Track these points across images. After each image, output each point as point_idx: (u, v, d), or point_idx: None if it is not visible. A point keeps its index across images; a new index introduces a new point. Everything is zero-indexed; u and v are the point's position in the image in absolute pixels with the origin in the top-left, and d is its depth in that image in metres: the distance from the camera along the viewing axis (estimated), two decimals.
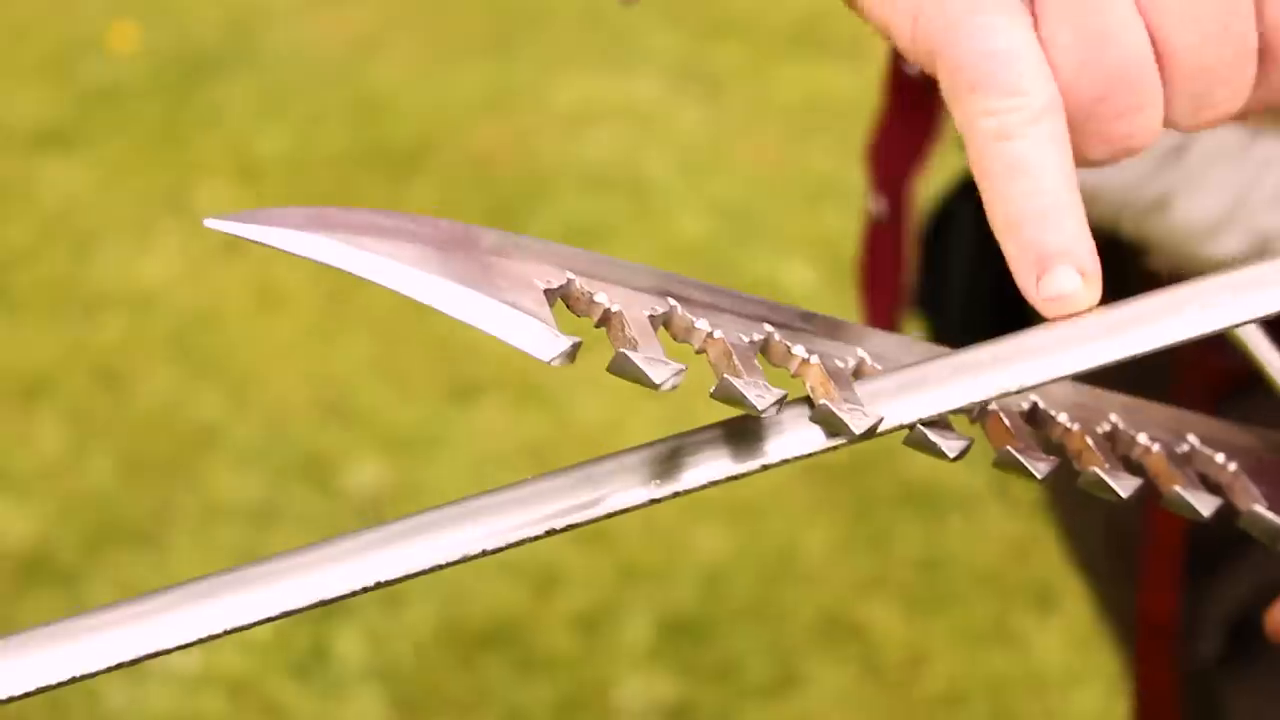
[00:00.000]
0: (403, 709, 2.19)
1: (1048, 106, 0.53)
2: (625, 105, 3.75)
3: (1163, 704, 1.04)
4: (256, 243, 0.47)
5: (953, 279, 1.08)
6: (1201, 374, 0.95)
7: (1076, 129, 0.54)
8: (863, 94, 1.53)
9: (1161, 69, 0.54)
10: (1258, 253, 0.89)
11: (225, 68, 3.87)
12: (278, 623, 1.92)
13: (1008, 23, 0.53)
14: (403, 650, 2.27)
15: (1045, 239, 0.53)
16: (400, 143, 3.54)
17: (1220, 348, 0.72)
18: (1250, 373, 0.66)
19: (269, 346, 2.88)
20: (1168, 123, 0.56)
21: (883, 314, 1.09)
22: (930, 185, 1.16)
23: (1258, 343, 0.66)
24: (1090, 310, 0.53)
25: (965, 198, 1.10)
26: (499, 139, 3.58)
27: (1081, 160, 0.55)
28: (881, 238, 1.07)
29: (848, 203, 3.24)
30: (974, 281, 1.08)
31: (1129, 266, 0.97)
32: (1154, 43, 0.54)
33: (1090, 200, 0.96)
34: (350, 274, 0.47)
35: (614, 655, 2.27)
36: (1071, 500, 1.11)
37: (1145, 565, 1.01)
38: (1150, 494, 0.56)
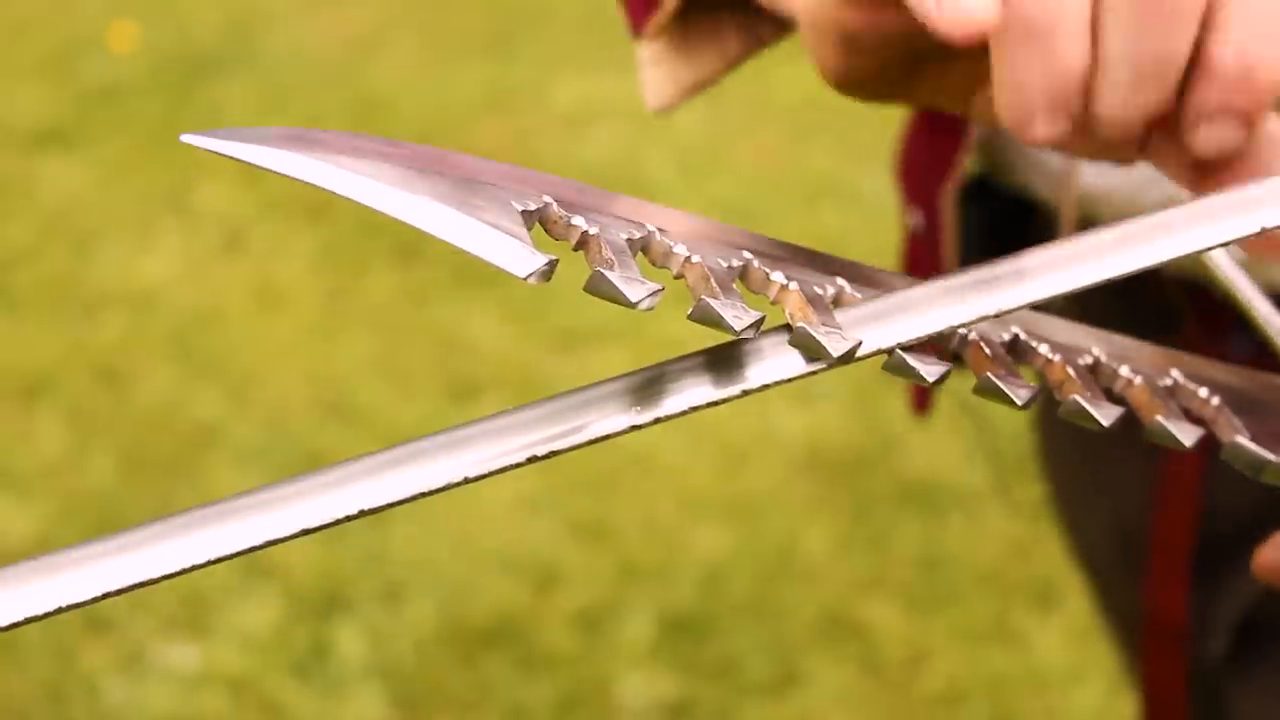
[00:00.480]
0: (403, 707, 2.20)
1: None
2: (625, 105, 3.75)
3: (1172, 704, 1.04)
4: (234, 159, 0.46)
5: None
6: (1191, 342, 0.95)
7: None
8: None
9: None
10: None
11: (225, 67, 3.87)
12: (278, 621, 1.92)
13: None
14: (403, 648, 2.27)
15: None
16: None
17: (1220, 335, 0.72)
18: (1257, 363, 0.66)
19: (269, 345, 2.89)
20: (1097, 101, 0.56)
21: None
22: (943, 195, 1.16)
23: (1227, 267, 0.66)
24: (1068, 240, 0.54)
25: (969, 201, 1.10)
26: (499, 139, 3.59)
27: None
28: (920, 250, 1.07)
29: (847, 202, 3.24)
30: None
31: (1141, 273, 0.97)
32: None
33: (1098, 203, 0.96)
34: (335, 213, 0.47)
35: (614, 653, 2.27)
36: (1077, 497, 1.11)
37: (1153, 563, 1.01)
38: (1131, 425, 0.55)
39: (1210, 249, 0.53)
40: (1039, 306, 0.53)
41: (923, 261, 1.08)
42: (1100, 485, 1.07)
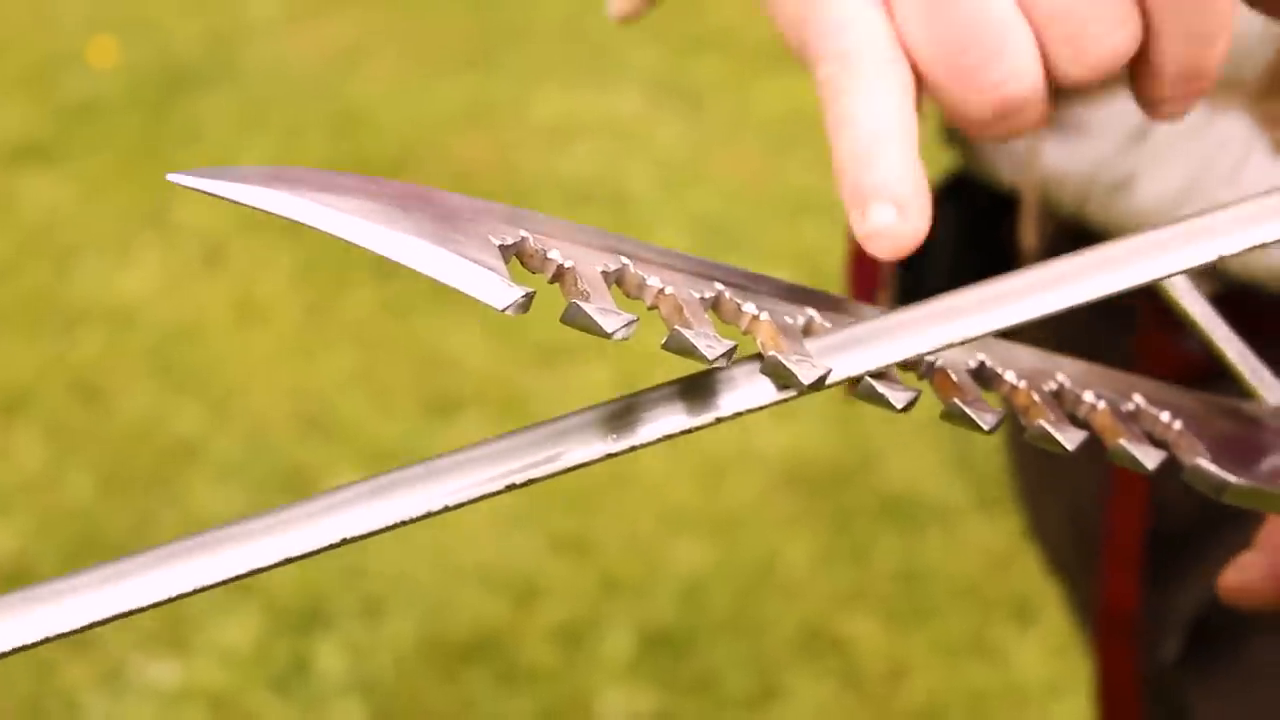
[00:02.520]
0: None
1: (875, 64, 0.56)
2: (605, 119, 3.76)
3: (1125, 700, 1.04)
4: (221, 198, 0.47)
5: (933, 282, 1.09)
6: (1162, 362, 0.96)
7: (947, 88, 0.56)
8: None
9: (1027, 14, 0.55)
10: None
11: (205, 82, 3.87)
12: (258, 636, 1.92)
13: (840, 1, 0.57)
14: (383, 663, 2.27)
15: (861, 178, 0.54)
16: (381, 156, 3.55)
17: (1180, 336, 0.72)
18: (1210, 362, 0.67)
19: (249, 360, 2.89)
20: (1057, 73, 0.56)
21: (866, 299, 1.10)
22: None
23: (1187, 294, 0.68)
24: (1033, 267, 0.55)
25: (945, 199, 1.10)
26: (479, 152, 3.59)
27: (973, 120, 0.57)
28: (860, 249, 1.08)
29: (828, 216, 3.24)
30: (954, 282, 1.08)
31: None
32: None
33: (1057, 185, 0.97)
34: (314, 230, 0.48)
35: (595, 667, 2.27)
36: (1036, 492, 1.12)
37: (1104, 556, 1.02)
38: (1096, 448, 0.57)
39: (1169, 276, 0.55)
40: (1005, 334, 0.55)
41: (865, 259, 1.09)
42: (1057, 478, 1.08)
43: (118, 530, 2.47)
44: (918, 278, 1.11)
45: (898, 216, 0.54)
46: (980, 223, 1.07)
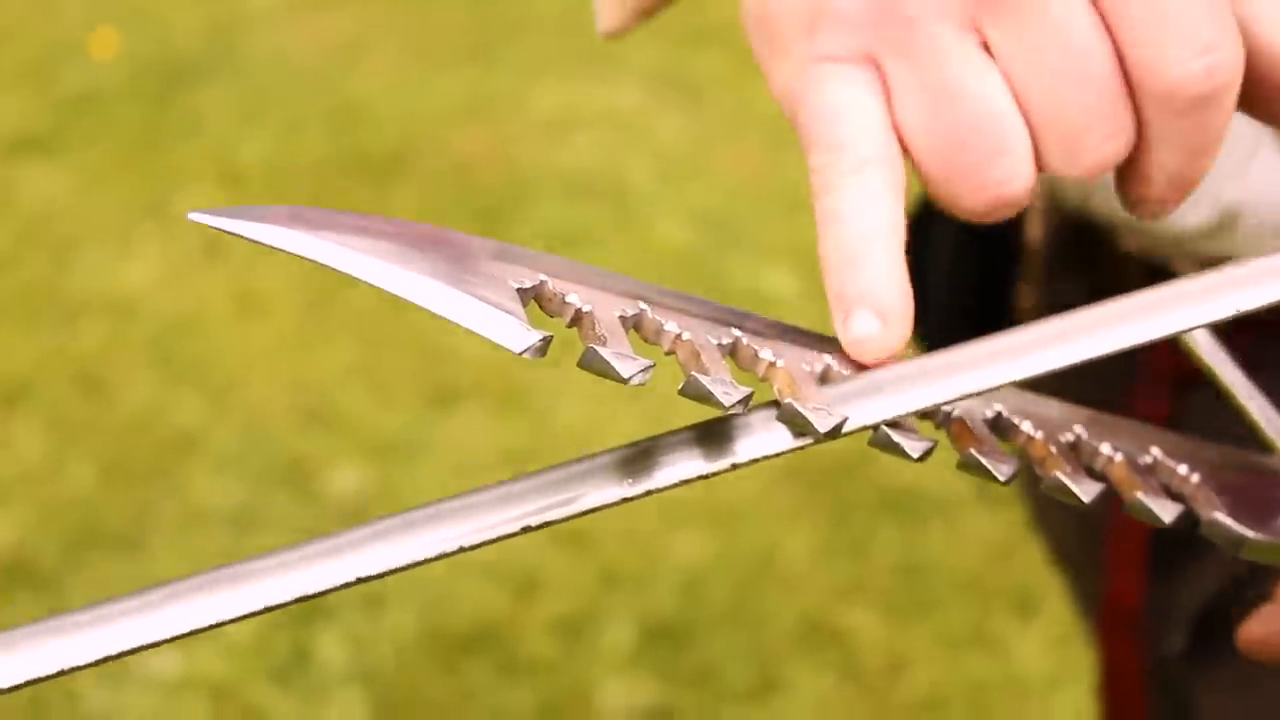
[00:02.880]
0: (384, 713, 2.20)
1: (869, 160, 0.56)
2: (606, 113, 3.75)
3: (1129, 693, 1.04)
4: (242, 237, 0.48)
5: (930, 290, 1.09)
6: (1163, 365, 0.96)
7: (942, 181, 0.56)
8: None
9: (1025, 117, 0.56)
10: (1223, 225, 0.90)
11: (206, 74, 3.87)
12: (259, 627, 1.92)
13: (839, 87, 0.57)
14: (384, 654, 2.27)
15: (846, 283, 0.55)
16: (381, 149, 3.55)
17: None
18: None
19: (249, 352, 2.89)
20: (1051, 170, 0.57)
21: None
22: (908, 196, 1.16)
23: (1207, 347, 0.68)
24: (1036, 324, 0.55)
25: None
26: (479, 146, 3.59)
27: (965, 211, 0.57)
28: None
29: None
30: (951, 293, 1.08)
31: (1100, 249, 0.98)
32: (1013, 92, 0.55)
33: (1062, 181, 0.97)
34: (332, 270, 0.48)
35: (595, 660, 2.27)
36: (1042, 492, 1.12)
37: (1109, 549, 1.02)
38: (1112, 500, 0.57)
39: (1189, 330, 0.55)
40: (1023, 385, 0.55)
41: None
42: None
43: (118, 521, 2.47)
44: (918, 272, 1.11)
45: (881, 327, 0.54)
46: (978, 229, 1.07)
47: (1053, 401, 0.59)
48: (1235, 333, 0.92)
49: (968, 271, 1.08)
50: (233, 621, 0.49)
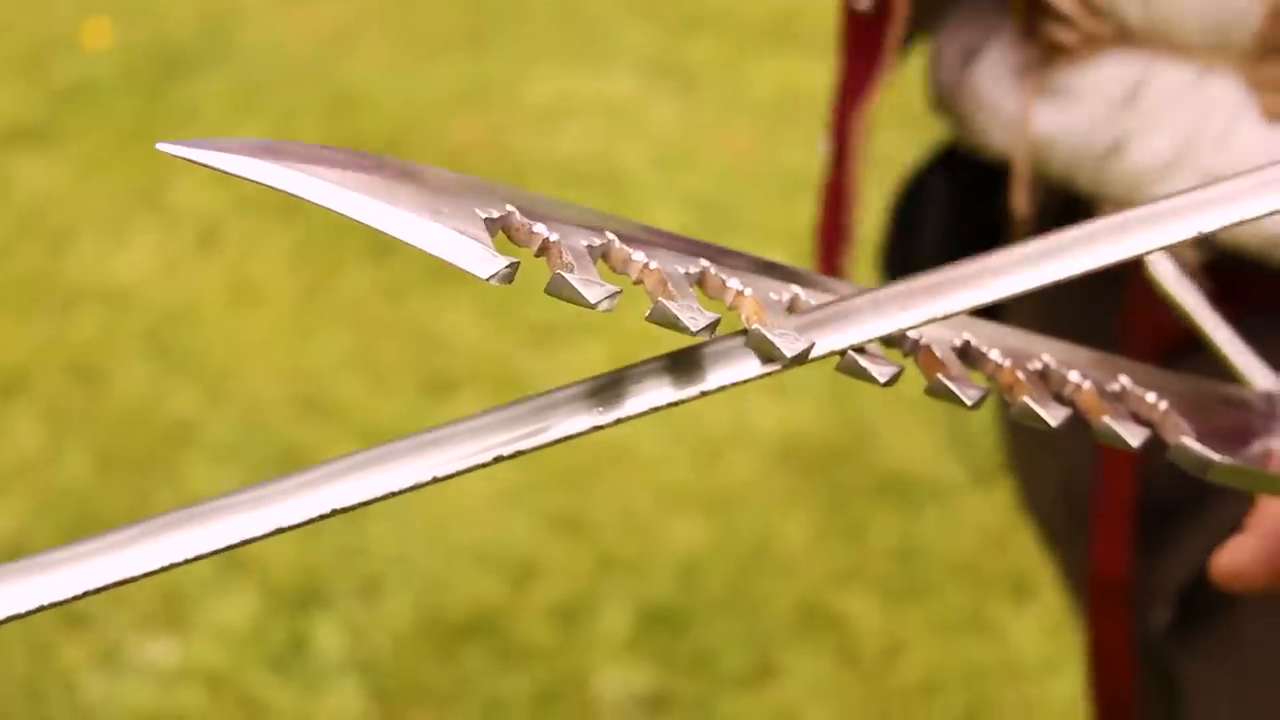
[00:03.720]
0: (382, 700, 2.20)
1: None
2: (599, 100, 3.76)
3: (1116, 668, 1.05)
4: (210, 168, 0.48)
5: (924, 253, 1.10)
6: (1148, 332, 0.96)
7: None
8: None
9: None
10: None
11: (199, 64, 3.87)
12: (256, 615, 1.92)
13: None
14: (381, 642, 2.27)
15: None
16: (375, 138, 3.54)
17: (1166, 310, 0.73)
18: (1196, 338, 0.68)
19: (245, 341, 2.89)
20: None
21: (830, 250, 1.10)
22: (906, 158, 1.17)
23: (1173, 281, 0.68)
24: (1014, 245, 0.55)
25: (938, 169, 1.11)
26: (473, 134, 3.59)
27: None
28: (829, 178, 1.09)
29: None
30: (945, 255, 1.09)
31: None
32: None
33: (1048, 151, 0.97)
34: (300, 199, 0.48)
35: (592, 646, 2.28)
36: (1028, 460, 1.12)
37: (1095, 523, 1.02)
38: (1080, 426, 0.57)
39: (1150, 252, 0.55)
40: (994, 314, 0.55)
41: (830, 192, 1.09)
42: (1048, 450, 1.09)
43: (115, 510, 2.47)
44: (909, 248, 1.12)
45: None
46: (971, 193, 1.07)
47: (1022, 332, 0.60)
48: (1219, 301, 0.93)
49: (956, 244, 1.09)
50: (207, 556, 0.49)
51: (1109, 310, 0.98)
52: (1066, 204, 0.99)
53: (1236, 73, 0.90)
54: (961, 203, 1.08)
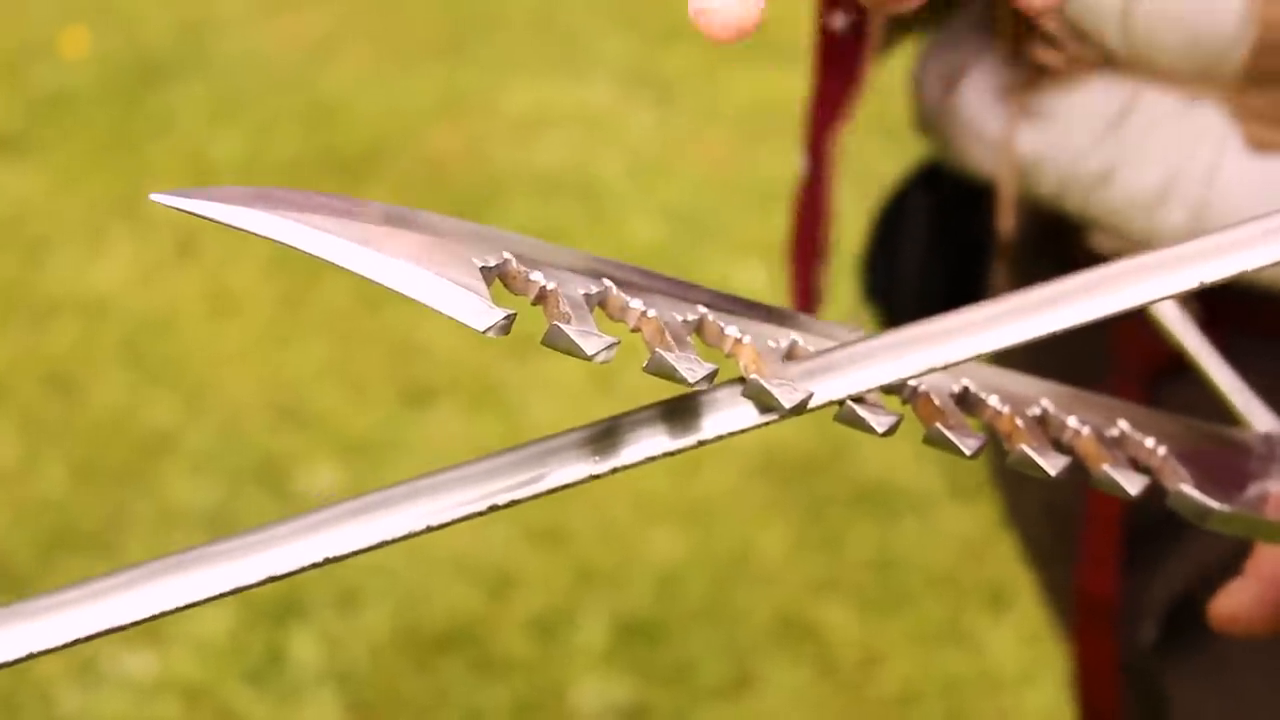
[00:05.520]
0: (359, 712, 2.20)
1: None
2: (577, 110, 3.76)
3: (1102, 685, 1.05)
4: (205, 218, 0.48)
5: (906, 270, 1.10)
6: (1138, 356, 0.97)
7: None
8: None
9: None
10: (1195, 226, 0.90)
11: (177, 73, 3.86)
12: (232, 627, 1.91)
13: None
14: (359, 654, 2.27)
15: None
16: (353, 147, 3.54)
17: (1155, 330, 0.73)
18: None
19: (223, 351, 2.88)
20: None
21: (806, 272, 1.10)
22: (888, 177, 1.17)
23: (1176, 322, 0.68)
24: (1007, 296, 0.55)
25: (919, 188, 1.11)
26: (452, 144, 3.59)
27: None
28: (804, 195, 1.09)
29: None
30: (928, 272, 1.09)
31: (1073, 247, 0.98)
32: None
33: (1035, 175, 0.98)
34: (297, 251, 0.48)
35: (570, 657, 2.27)
36: (1012, 483, 1.12)
37: (1084, 542, 1.02)
38: (1079, 474, 0.57)
39: (1154, 302, 0.55)
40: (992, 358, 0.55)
41: (805, 207, 1.09)
42: None
43: (92, 522, 2.47)
44: (891, 265, 1.12)
45: None
46: (953, 210, 1.07)
47: (1021, 376, 0.59)
48: (1209, 327, 0.93)
49: (940, 265, 1.09)
50: (200, 604, 0.49)
51: (1099, 331, 0.98)
52: (1052, 224, 0.99)
53: (1221, 102, 0.90)
54: (944, 220, 1.08)
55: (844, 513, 2.54)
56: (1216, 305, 0.91)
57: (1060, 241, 0.99)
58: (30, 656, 0.48)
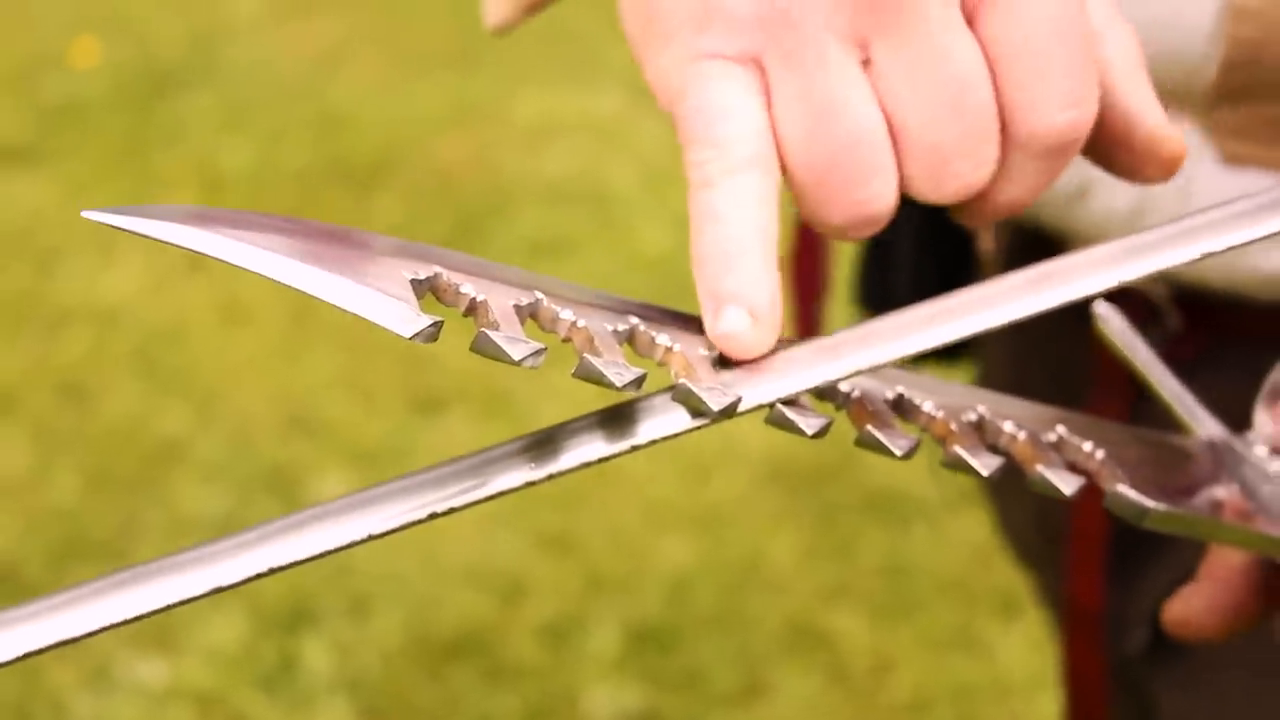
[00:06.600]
0: (371, 719, 2.20)
1: (748, 161, 0.57)
2: (587, 119, 3.76)
3: (1092, 692, 1.05)
4: (139, 235, 0.49)
5: (897, 276, 1.10)
6: (1121, 371, 0.97)
7: (811, 194, 0.57)
8: None
9: (895, 143, 0.57)
10: None
11: (188, 83, 3.87)
12: (245, 635, 1.92)
13: (724, 85, 0.57)
14: (370, 661, 2.27)
15: (721, 281, 0.55)
16: (363, 157, 3.55)
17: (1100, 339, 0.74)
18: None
19: (233, 361, 2.89)
20: (913, 193, 0.58)
21: (808, 298, 1.11)
22: None
23: (1119, 330, 0.69)
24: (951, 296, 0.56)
25: (909, 200, 1.11)
26: (461, 153, 3.59)
27: (827, 226, 0.58)
28: (802, 231, 1.10)
29: None
30: (918, 278, 1.10)
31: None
32: (887, 118, 0.56)
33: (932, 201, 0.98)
34: (230, 264, 0.50)
35: (581, 665, 2.28)
36: (1003, 494, 1.13)
37: (1070, 550, 1.03)
38: (1014, 475, 0.58)
39: (1091, 297, 0.56)
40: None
41: (805, 233, 1.10)
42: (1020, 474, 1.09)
43: (103, 530, 2.47)
44: (881, 276, 1.12)
45: (751, 325, 0.54)
46: (941, 224, 1.07)
47: (958, 385, 0.60)
48: (1190, 334, 0.93)
49: (931, 275, 1.09)
50: (154, 614, 0.50)
51: (1082, 345, 0.98)
52: (1033, 241, 0.99)
53: (1193, 119, 0.90)
54: (933, 230, 1.08)
55: (854, 520, 2.54)
56: (1196, 312, 0.92)
57: (1041, 256, 1.00)
58: (36, 652, 0.50)
